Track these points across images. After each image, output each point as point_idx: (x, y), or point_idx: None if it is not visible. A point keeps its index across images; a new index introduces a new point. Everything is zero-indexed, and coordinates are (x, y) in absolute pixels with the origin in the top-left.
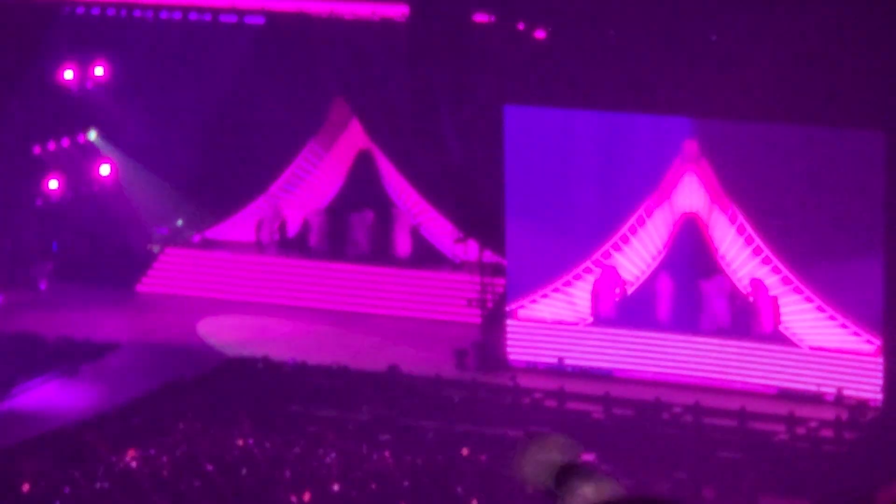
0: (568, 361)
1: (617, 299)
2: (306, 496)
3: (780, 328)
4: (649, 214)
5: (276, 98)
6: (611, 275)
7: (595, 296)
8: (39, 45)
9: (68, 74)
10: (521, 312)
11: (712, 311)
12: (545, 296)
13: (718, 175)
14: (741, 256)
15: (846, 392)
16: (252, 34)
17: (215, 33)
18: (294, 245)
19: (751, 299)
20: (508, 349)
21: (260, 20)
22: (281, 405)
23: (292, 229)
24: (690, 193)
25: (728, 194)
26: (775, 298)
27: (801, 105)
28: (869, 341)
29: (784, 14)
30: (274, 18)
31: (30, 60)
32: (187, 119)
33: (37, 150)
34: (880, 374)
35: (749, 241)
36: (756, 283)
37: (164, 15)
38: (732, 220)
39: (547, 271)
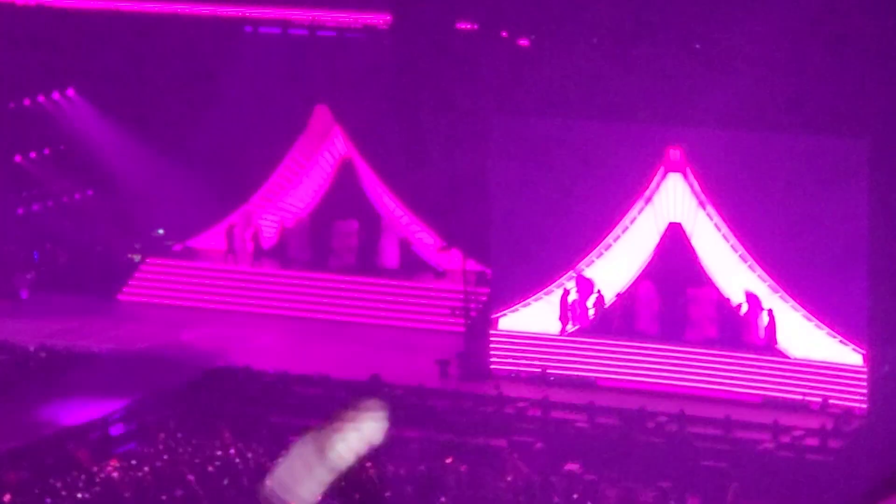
0: (550, 371)
1: (591, 310)
2: None
3: (773, 339)
4: (634, 223)
5: (258, 106)
6: (585, 286)
7: (565, 306)
8: (17, 55)
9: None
10: (504, 322)
11: (698, 321)
12: (528, 305)
13: (703, 183)
14: (727, 265)
15: (832, 401)
16: (233, 41)
17: (197, 41)
18: (272, 254)
19: (738, 309)
20: (492, 358)
21: (241, 28)
22: (263, 415)
23: (270, 238)
24: (675, 202)
25: (713, 202)
26: (769, 310)
27: (786, 113)
28: (855, 350)
29: (768, 22)
30: (255, 26)
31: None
32: (168, 128)
33: (18, 158)
34: (866, 383)
35: (734, 249)
36: (744, 294)
37: (143, 22)
38: (718, 229)
39: (531, 280)
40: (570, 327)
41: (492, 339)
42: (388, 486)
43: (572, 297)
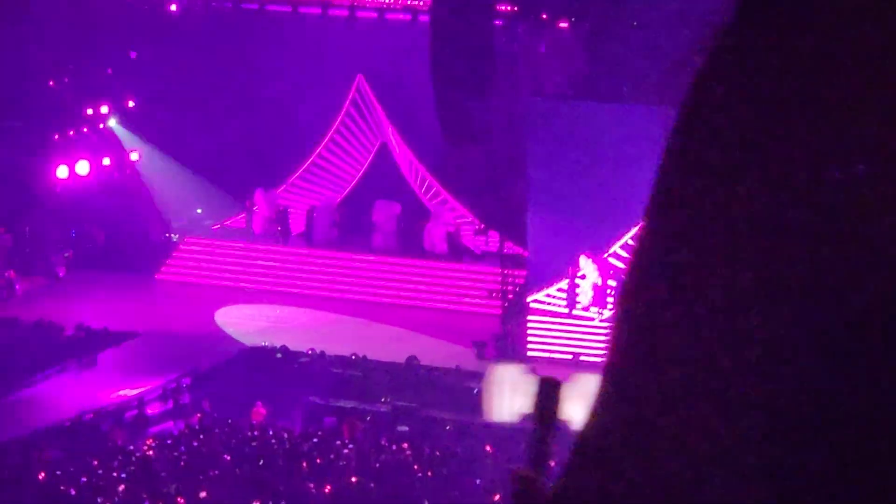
0: (584, 357)
1: (612, 294)
2: (325, 488)
3: None
4: None
5: (297, 87)
6: (606, 269)
7: (573, 288)
8: (58, 32)
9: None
10: (536, 305)
11: None
12: (561, 289)
13: None
14: None
15: None
16: (273, 21)
17: (238, 20)
18: (303, 236)
19: None
20: (528, 341)
21: (282, 7)
22: (299, 395)
23: (300, 220)
24: None
25: None
26: None
27: None
28: None
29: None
30: (294, 6)
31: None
32: (208, 108)
33: (56, 136)
34: None
35: None
36: None
37: (185, 2)
38: None
39: (567, 263)
40: (579, 310)
41: (528, 321)
42: (425, 468)
43: (593, 280)
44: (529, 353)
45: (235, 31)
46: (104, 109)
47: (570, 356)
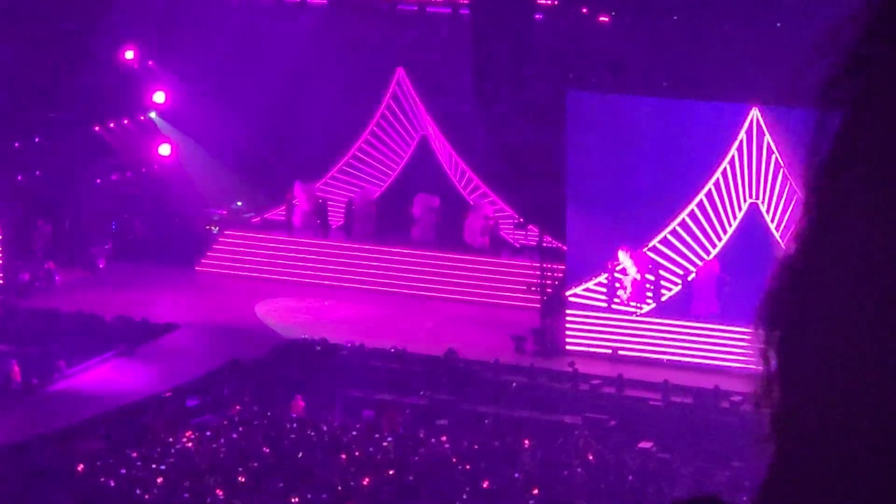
0: (623, 351)
1: (651, 288)
2: (364, 481)
3: None
4: (710, 202)
5: (337, 80)
6: (644, 263)
7: (612, 282)
8: (101, 24)
9: (129, 54)
10: (574, 300)
11: None
12: (600, 283)
13: (785, 163)
14: None
15: None
16: (314, 14)
17: (279, 13)
18: (342, 229)
19: None
20: (567, 335)
21: (322, 0)
22: (338, 388)
23: (340, 213)
24: (754, 182)
25: (793, 182)
26: None
27: None
28: None
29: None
30: None
31: (92, 39)
32: (248, 100)
33: (97, 128)
34: None
35: None
36: None
37: None
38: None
39: (605, 257)
40: (616, 304)
41: (567, 316)
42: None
43: (632, 274)
44: (568, 348)
45: (276, 24)
46: (106, 108)
47: (608, 351)
